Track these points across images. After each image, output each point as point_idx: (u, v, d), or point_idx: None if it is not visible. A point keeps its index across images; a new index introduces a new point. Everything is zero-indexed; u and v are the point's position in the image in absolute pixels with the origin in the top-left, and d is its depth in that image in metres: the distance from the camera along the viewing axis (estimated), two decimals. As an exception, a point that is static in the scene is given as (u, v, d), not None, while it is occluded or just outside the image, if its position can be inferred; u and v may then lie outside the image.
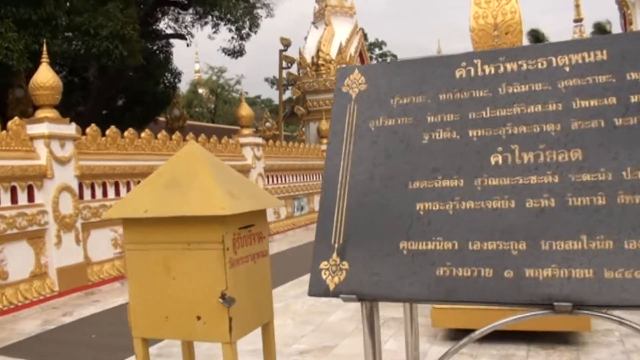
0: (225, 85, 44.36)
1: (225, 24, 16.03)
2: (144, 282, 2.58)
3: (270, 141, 14.00)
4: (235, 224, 2.49)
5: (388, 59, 42.31)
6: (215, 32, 16.49)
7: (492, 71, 2.30)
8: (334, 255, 2.15)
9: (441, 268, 2.00)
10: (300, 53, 17.67)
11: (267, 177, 12.66)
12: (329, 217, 2.22)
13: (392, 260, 2.07)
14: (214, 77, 43.71)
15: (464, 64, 2.36)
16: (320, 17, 18.25)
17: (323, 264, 2.15)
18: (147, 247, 2.56)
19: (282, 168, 13.38)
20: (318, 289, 2.12)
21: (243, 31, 16.39)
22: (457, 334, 4.05)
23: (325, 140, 16.76)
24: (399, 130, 2.31)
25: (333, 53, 17.33)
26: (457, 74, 2.34)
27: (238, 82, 44.43)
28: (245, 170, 11.66)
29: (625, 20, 10.39)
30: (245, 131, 12.05)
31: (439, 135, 2.25)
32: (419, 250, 2.06)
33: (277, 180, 13.11)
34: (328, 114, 17.26)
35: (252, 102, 48.40)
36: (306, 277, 2.89)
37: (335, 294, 2.09)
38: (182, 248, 2.47)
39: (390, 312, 5.08)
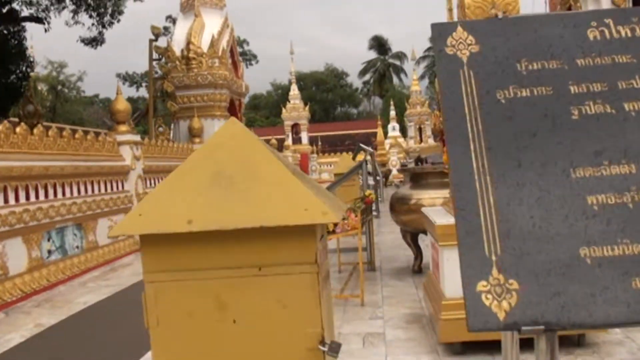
0: (66, 82, 40.91)
1: (85, 10, 14.31)
2: (179, 329, 1.76)
3: (147, 139, 12.76)
4: (318, 235, 1.79)
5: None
6: (75, 22, 14.66)
7: (629, 33, 1.94)
8: (495, 272, 1.59)
9: (637, 279, 1.56)
10: (168, 44, 16.36)
11: (146, 180, 11.43)
12: (474, 219, 1.65)
13: (575, 274, 1.59)
14: (54, 73, 40.02)
15: (594, 23, 1.96)
16: (188, 7, 17.07)
17: (481, 285, 1.58)
18: (186, 276, 1.74)
19: (160, 169, 12.19)
20: (483, 322, 1.54)
21: (105, 18, 14.81)
22: (461, 348, 3.60)
23: (197, 140, 15.61)
24: (538, 102, 1.84)
25: (204, 46, 16.28)
26: (590, 35, 1.92)
27: (80, 79, 41.26)
28: (124, 172, 10.39)
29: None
30: (123, 128, 10.73)
31: (590, 110, 1.81)
32: (605, 258, 1.62)
33: (157, 184, 11.89)
34: (200, 111, 16.19)
35: (90, 101, 45.07)
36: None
37: (510, 326, 1.54)
38: (248, 274, 1.71)
39: (358, 326, 4.54)
